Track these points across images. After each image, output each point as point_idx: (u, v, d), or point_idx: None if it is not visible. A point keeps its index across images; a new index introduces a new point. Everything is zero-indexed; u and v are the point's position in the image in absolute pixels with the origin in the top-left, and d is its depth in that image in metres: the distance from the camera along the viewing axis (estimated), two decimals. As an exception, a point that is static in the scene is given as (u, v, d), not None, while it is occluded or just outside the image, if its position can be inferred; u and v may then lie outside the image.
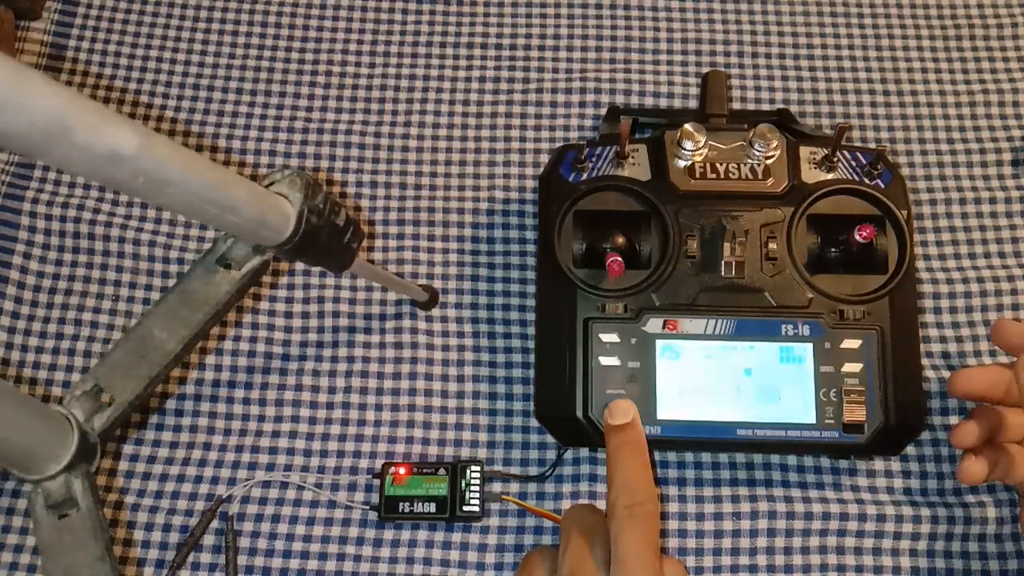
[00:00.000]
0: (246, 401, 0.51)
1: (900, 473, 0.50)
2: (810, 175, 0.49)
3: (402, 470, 0.48)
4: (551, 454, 0.50)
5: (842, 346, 0.46)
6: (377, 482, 0.49)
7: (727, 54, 0.60)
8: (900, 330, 0.47)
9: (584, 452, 0.49)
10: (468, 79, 0.60)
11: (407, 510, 0.48)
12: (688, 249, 0.47)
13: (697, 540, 0.48)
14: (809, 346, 0.46)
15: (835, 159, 0.49)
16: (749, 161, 0.49)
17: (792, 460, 0.50)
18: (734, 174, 0.48)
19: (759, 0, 0.62)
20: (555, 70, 0.60)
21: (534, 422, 0.50)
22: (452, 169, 0.57)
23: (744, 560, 0.47)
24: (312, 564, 0.48)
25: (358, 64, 0.60)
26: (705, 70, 0.58)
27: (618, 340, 0.46)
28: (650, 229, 0.48)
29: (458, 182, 0.57)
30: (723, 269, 0.47)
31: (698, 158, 0.49)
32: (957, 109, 0.59)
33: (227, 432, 0.51)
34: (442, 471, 0.48)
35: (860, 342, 0.46)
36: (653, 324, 0.46)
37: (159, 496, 0.49)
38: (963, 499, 0.49)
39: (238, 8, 0.62)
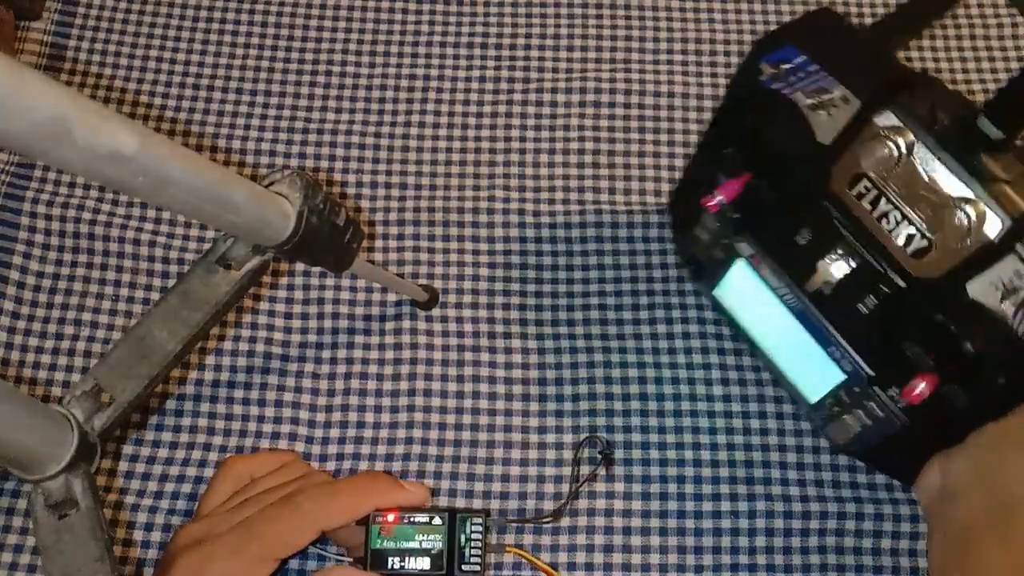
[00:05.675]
0: (246, 401, 0.51)
1: (900, 473, 0.50)
2: None
3: (390, 516, 0.41)
4: (551, 454, 0.50)
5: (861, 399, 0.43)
6: None
7: (727, 54, 0.60)
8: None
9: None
10: (468, 79, 0.60)
11: (398, 566, 0.41)
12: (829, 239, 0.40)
13: (697, 540, 0.48)
14: (841, 376, 0.43)
15: None
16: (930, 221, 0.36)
17: (792, 459, 0.50)
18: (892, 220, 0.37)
19: (759, 0, 0.62)
20: (555, 70, 0.60)
21: (535, 422, 0.50)
22: (452, 169, 0.57)
23: (744, 560, 0.47)
24: (311, 564, 0.48)
25: (358, 64, 0.60)
26: (705, 70, 0.58)
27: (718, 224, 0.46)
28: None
29: (458, 182, 0.57)
30: (823, 286, 0.41)
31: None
32: (957, 109, 0.59)
33: (227, 432, 0.51)
34: (437, 519, 0.42)
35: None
36: (744, 248, 0.44)
37: (159, 496, 0.49)
38: (963, 499, 0.49)
39: (238, 8, 0.62)
